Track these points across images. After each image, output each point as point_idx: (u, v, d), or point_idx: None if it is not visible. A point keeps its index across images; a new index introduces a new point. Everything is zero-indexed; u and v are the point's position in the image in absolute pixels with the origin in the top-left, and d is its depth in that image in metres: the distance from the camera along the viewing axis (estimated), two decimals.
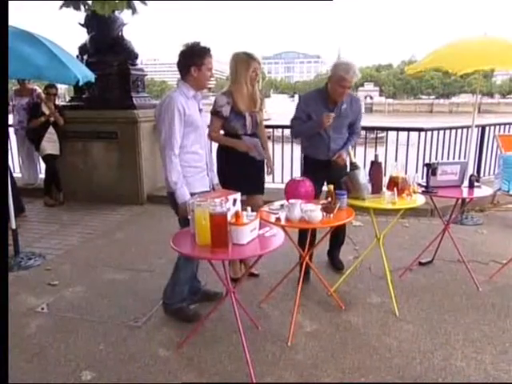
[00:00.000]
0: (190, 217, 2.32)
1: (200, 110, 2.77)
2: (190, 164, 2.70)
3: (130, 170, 5.69)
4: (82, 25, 5.95)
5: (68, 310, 3.04)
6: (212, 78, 2.81)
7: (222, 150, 3.34)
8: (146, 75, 6.45)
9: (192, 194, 2.60)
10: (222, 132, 3.33)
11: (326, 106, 3.25)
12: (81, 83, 3.75)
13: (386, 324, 2.84)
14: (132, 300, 3.18)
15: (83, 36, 6.01)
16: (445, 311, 2.99)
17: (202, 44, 2.67)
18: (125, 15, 5.88)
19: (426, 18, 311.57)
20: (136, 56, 6.01)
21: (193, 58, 2.63)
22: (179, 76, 2.73)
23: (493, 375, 2.33)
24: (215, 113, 3.21)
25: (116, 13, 5.70)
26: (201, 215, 2.12)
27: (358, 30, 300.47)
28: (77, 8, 5.63)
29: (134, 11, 5.64)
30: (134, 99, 5.77)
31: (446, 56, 4.30)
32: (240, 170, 3.21)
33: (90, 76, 3.99)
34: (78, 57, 5.89)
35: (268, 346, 2.59)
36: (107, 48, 5.79)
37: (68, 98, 6.50)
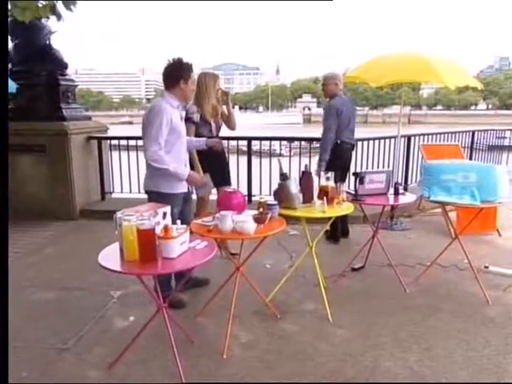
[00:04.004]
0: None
1: (181, 119, 3.07)
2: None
3: (60, 185, 5.45)
4: None
5: None
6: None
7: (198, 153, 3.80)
8: (77, 86, 6.24)
9: (174, 195, 2.94)
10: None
11: None
12: None
13: (320, 330, 2.91)
14: (62, 321, 3.03)
15: None
16: (375, 314, 3.12)
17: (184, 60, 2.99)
18: (53, 23, 5.67)
19: (359, 33, 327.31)
20: (65, 66, 5.80)
21: (182, 72, 2.94)
22: (163, 87, 3.03)
23: (417, 372, 2.46)
24: (188, 119, 3.67)
25: (43, 20, 5.49)
26: (128, 230, 2.07)
27: (295, 42, 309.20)
28: None
29: (60, 17, 5.42)
30: (63, 110, 5.55)
31: (367, 70, 4.59)
32: (208, 167, 3.77)
33: (11, 87, 3.80)
34: None
35: (203, 360, 2.56)
36: (34, 57, 5.53)
37: None
